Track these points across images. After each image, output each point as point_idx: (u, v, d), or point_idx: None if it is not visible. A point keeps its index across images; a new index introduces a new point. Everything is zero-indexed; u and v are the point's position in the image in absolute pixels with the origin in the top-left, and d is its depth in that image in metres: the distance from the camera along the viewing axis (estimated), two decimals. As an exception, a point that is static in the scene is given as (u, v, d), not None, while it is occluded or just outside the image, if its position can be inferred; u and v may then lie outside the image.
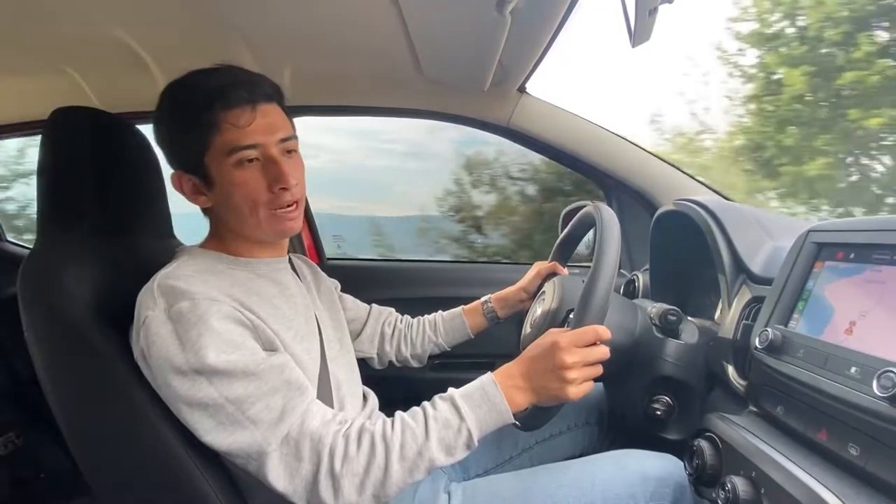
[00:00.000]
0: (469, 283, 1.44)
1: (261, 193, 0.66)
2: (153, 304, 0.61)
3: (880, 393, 0.45)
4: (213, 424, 0.59)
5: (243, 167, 0.65)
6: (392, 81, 1.19)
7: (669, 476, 0.70)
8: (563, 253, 1.00)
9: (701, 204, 0.86)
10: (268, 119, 0.66)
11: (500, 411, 0.62)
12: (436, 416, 0.61)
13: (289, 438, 0.59)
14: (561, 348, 0.63)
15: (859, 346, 0.51)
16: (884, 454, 0.47)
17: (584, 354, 0.64)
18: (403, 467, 0.59)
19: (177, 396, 0.59)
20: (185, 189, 0.70)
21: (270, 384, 0.60)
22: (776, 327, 0.61)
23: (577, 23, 0.90)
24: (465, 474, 0.93)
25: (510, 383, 0.64)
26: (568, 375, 0.63)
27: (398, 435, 0.60)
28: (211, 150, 0.65)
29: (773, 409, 0.62)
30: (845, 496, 0.47)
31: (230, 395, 0.58)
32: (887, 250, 0.53)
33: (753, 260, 0.76)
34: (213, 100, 0.64)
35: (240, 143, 0.64)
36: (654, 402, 0.79)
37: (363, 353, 0.98)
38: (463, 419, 0.61)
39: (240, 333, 0.61)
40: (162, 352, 0.59)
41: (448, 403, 0.63)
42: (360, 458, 0.59)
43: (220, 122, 0.64)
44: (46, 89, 1.14)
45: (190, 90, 0.66)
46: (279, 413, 0.59)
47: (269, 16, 0.92)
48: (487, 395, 0.63)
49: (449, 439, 0.61)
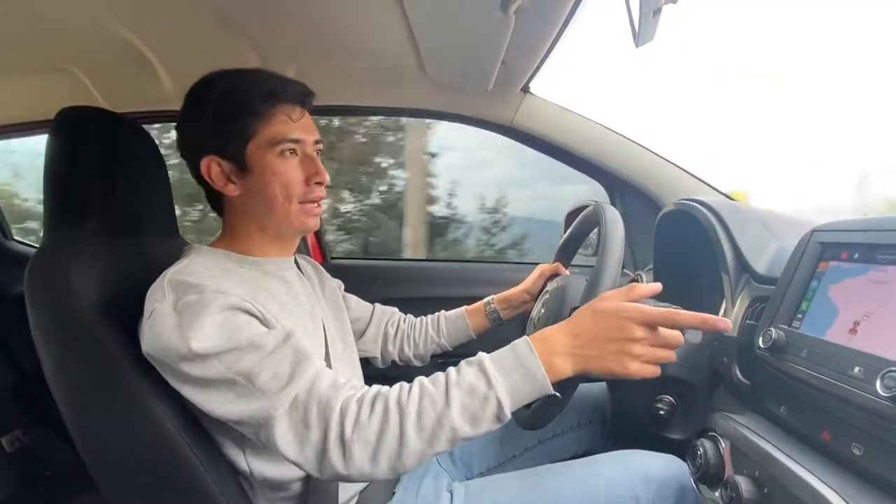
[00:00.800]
0: (473, 282, 1.44)
1: (297, 185, 0.71)
2: (162, 298, 0.61)
3: (884, 393, 0.45)
4: (226, 398, 0.58)
5: (285, 158, 0.70)
6: (396, 81, 1.19)
7: (673, 477, 0.70)
8: (566, 254, 1.00)
9: (705, 203, 0.85)
10: (308, 121, 0.74)
11: (535, 378, 0.55)
12: (459, 382, 0.55)
13: (297, 402, 0.56)
14: (634, 319, 0.55)
15: (863, 346, 0.51)
16: (887, 454, 0.47)
17: (659, 336, 0.56)
18: (421, 437, 0.54)
19: (187, 380, 0.59)
20: (213, 175, 0.70)
21: (277, 353, 0.58)
22: (780, 327, 0.61)
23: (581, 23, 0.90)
24: (468, 473, 0.93)
25: (548, 347, 0.56)
26: (634, 349, 0.55)
27: (415, 401, 0.55)
28: (257, 139, 0.69)
29: (776, 409, 0.62)
30: (849, 496, 0.47)
31: (238, 368, 0.57)
32: (892, 250, 0.53)
33: (757, 260, 0.76)
34: (273, 93, 0.69)
35: (287, 136, 0.70)
36: (658, 401, 0.79)
37: (367, 353, 0.98)
38: (492, 386, 0.54)
39: (246, 319, 0.61)
40: (167, 343, 0.59)
41: (475, 368, 0.56)
42: (373, 425, 0.54)
43: (274, 113, 0.69)
44: (52, 89, 1.14)
45: (247, 82, 0.70)
46: (287, 378, 0.57)
47: (274, 15, 0.92)
48: (521, 361, 0.55)
49: (474, 408, 0.54)
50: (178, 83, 1.09)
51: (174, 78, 1.08)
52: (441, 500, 0.75)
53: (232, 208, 0.74)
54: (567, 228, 1.00)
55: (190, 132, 0.72)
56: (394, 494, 0.79)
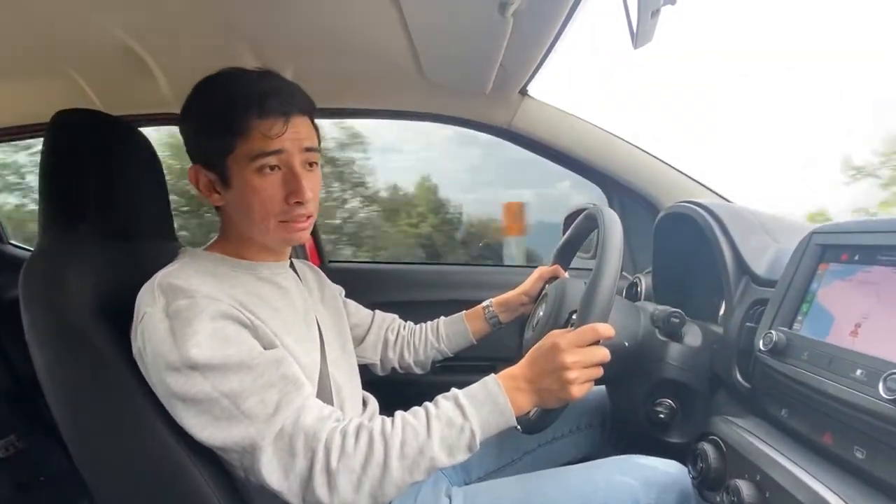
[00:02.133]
0: (472, 286, 1.44)
1: (276, 203, 0.67)
2: (152, 301, 0.61)
3: (886, 395, 0.45)
4: (209, 420, 0.58)
5: (263, 174, 0.66)
6: (394, 83, 1.19)
7: (673, 481, 0.69)
8: (564, 257, 1.00)
9: (704, 206, 0.85)
10: (296, 130, 0.67)
11: (503, 412, 0.61)
12: (438, 415, 0.60)
13: (283, 433, 0.58)
14: (561, 349, 0.63)
15: (865, 348, 0.51)
16: (890, 457, 0.47)
17: (583, 354, 0.63)
18: (403, 465, 0.57)
19: (171, 393, 0.59)
20: (200, 184, 0.70)
21: (266, 378, 0.59)
22: (780, 329, 0.61)
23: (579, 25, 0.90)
24: (467, 478, 0.93)
25: (513, 385, 0.63)
26: (568, 376, 0.62)
27: (398, 432, 0.59)
28: (235, 153, 0.65)
29: (777, 412, 0.61)
30: (851, 499, 0.46)
31: (225, 389, 0.58)
32: (892, 251, 0.53)
33: (757, 262, 0.75)
34: (249, 107, 0.64)
35: (265, 150, 0.65)
36: (657, 405, 0.79)
37: (366, 360, 0.98)
38: (467, 418, 0.60)
39: (236, 331, 0.61)
40: (157, 348, 0.58)
41: (451, 402, 0.61)
42: (358, 455, 0.57)
43: (251, 129, 0.65)
44: (48, 92, 1.14)
45: (227, 92, 0.66)
46: (274, 407, 0.58)
47: (271, 18, 0.92)
48: (491, 396, 0.62)
49: (451, 439, 0.59)
50: (174, 85, 1.08)
51: (171, 80, 1.08)
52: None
53: (224, 215, 0.74)
54: (565, 231, 1.00)
55: (183, 139, 0.72)
56: (392, 500, 0.78)
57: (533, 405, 0.64)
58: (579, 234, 0.96)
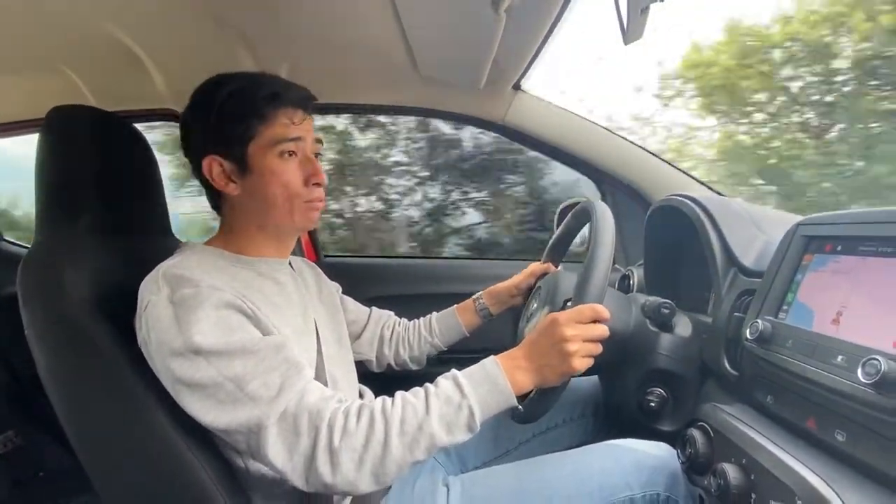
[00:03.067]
0: (467, 279, 1.45)
1: (296, 185, 0.72)
2: (156, 290, 0.62)
3: (865, 380, 0.47)
4: (213, 404, 0.59)
5: (284, 159, 0.71)
6: (388, 79, 1.20)
7: (663, 464, 0.71)
8: (556, 253, 1.01)
9: (694, 199, 0.87)
10: (309, 124, 0.75)
11: (502, 391, 0.62)
12: (437, 393, 0.61)
13: (287, 414, 0.59)
14: (560, 324, 0.65)
15: (846, 335, 0.53)
16: (869, 439, 0.49)
17: (582, 329, 0.65)
18: (403, 443, 0.58)
19: (176, 379, 0.60)
20: (215, 174, 0.71)
21: (268, 362, 0.60)
22: (766, 319, 0.63)
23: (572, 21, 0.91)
24: (463, 468, 0.94)
25: (512, 364, 0.64)
26: (569, 348, 0.63)
27: (398, 410, 0.60)
28: (258, 140, 0.70)
29: (763, 399, 0.63)
30: (832, 480, 0.48)
31: (229, 374, 0.59)
32: (873, 242, 0.54)
33: (745, 254, 0.77)
34: (276, 96, 0.70)
35: (288, 136, 0.71)
36: (649, 394, 0.80)
37: (362, 356, 0.99)
38: (465, 396, 0.61)
39: (239, 319, 0.62)
40: (162, 335, 0.60)
41: (450, 381, 0.63)
42: (359, 433, 0.58)
43: (276, 116, 0.70)
44: (43, 88, 1.13)
45: (251, 84, 0.71)
46: (277, 389, 0.59)
47: (266, 14, 0.92)
48: (490, 376, 0.63)
49: (450, 416, 0.60)
50: (170, 82, 1.08)
51: (166, 77, 1.07)
52: (437, 494, 0.76)
53: (231, 208, 0.75)
54: (559, 224, 1.01)
55: (193, 132, 0.73)
56: (390, 489, 0.80)
57: (533, 384, 0.65)
58: (570, 231, 0.97)
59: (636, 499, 0.69)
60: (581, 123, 1.26)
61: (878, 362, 0.46)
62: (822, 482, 0.48)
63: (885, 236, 0.53)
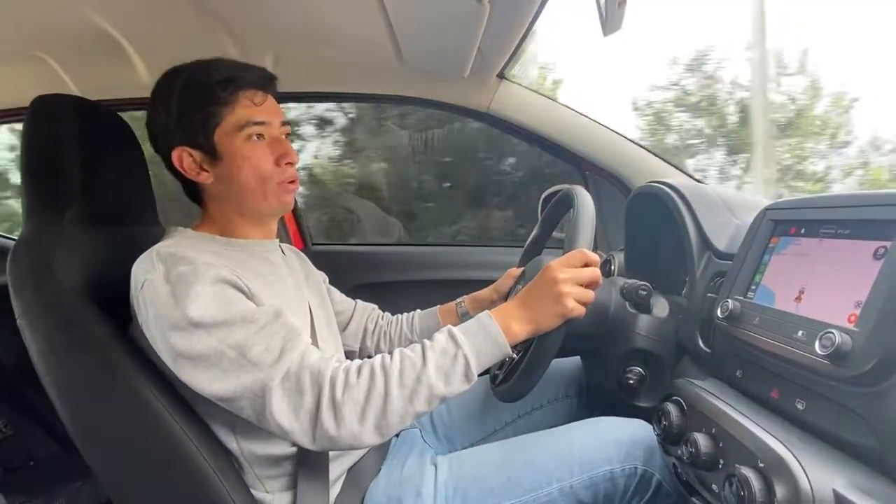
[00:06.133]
0: (455, 266, 1.46)
1: (269, 167, 0.73)
2: (152, 269, 0.63)
3: (822, 352, 0.50)
4: (217, 373, 0.60)
5: (252, 142, 0.72)
6: (373, 68, 1.20)
7: (640, 439, 0.75)
8: (535, 252, 1.03)
9: (671, 186, 0.90)
10: (272, 103, 0.75)
11: (495, 340, 0.65)
12: (433, 346, 0.64)
13: (289, 374, 0.61)
14: (552, 268, 0.67)
15: (806, 311, 0.56)
16: (825, 407, 0.53)
17: (574, 273, 0.67)
18: (403, 394, 0.61)
19: (178, 353, 0.61)
20: (186, 165, 0.72)
21: (268, 328, 0.62)
22: (736, 298, 0.66)
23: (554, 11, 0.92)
24: (451, 448, 0.97)
25: (506, 314, 0.67)
26: (562, 289, 0.66)
27: (397, 363, 0.63)
28: (223, 125, 0.70)
29: (733, 373, 0.67)
30: (792, 444, 0.52)
31: (230, 342, 0.60)
32: (832, 225, 0.58)
33: (718, 238, 0.80)
34: (233, 80, 0.71)
35: (252, 119, 0.71)
36: (628, 372, 0.83)
37: (347, 347, 1.00)
38: (459, 346, 0.63)
39: (235, 294, 0.64)
40: (160, 311, 0.61)
41: (445, 334, 0.66)
42: (361, 386, 0.61)
43: (237, 99, 0.71)
44: (22, 77, 1.12)
45: (207, 70, 0.71)
46: (279, 352, 0.61)
47: (250, 2, 0.92)
48: (483, 326, 0.66)
49: (446, 366, 0.63)
50: (152, 71, 1.07)
51: (149, 65, 1.07)
52: (426, 472, 0.78)
53: (209, 196, 0.76)
54: (542, 210, 1.03)
55: (158, 126, 0.73)
56: (381, 470, 0.83)
57: (528, 333, 0.67)
58: (549, 225, 0.99)
59: (615, 472, 0.73)
60: (564, 112, 1.28)
61: (833, 335, 0.49)
62: (783, 446, 0.52)
63: (843, 219, 0.57)
